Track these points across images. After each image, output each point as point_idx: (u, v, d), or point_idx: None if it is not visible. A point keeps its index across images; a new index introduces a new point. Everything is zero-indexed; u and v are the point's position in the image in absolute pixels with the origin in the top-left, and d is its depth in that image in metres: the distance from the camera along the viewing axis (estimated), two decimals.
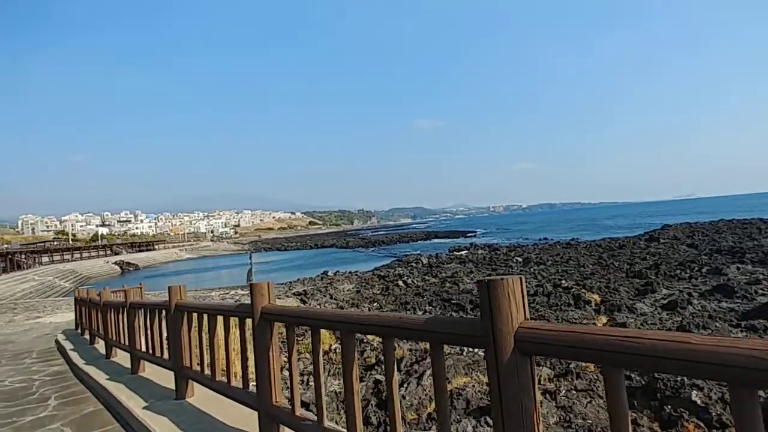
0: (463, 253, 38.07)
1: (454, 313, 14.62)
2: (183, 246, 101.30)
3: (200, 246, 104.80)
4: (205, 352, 3.70)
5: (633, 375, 7.09)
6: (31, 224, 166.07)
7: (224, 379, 3.36)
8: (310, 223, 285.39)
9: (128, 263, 63.44)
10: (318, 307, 17.68)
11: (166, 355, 4.63)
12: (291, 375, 2.54)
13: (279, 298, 19.67)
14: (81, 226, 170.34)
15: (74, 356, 6.97)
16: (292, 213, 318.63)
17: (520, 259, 28.46)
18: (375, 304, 17.76)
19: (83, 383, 5.74)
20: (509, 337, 1.44)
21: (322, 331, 2.48)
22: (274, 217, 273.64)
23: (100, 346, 7.51)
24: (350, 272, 30.90)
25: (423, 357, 8.56)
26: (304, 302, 18.57)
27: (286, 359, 2.80)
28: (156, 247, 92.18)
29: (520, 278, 1.49)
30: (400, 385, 7.19)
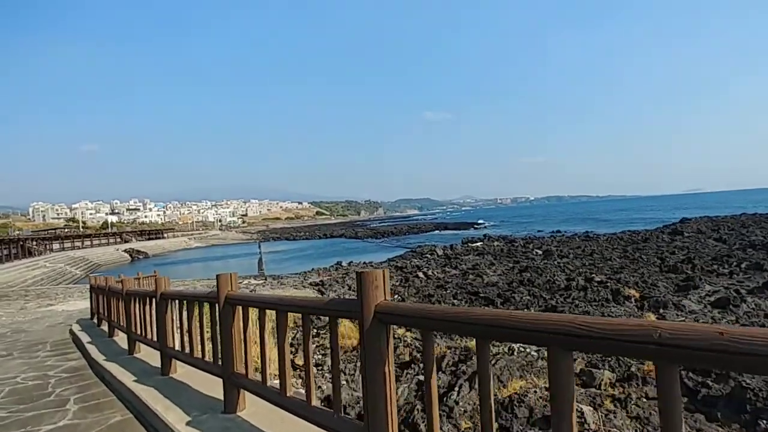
0: (477, 244, 37.29)
1: (482, 306, 13.91)
2: (192, 234, 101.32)
3: (209, 235, 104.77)
4: (271, 359, 2.98)
5: (711, 383, 6.34)
6: (41, 211, 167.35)
7: (300, 395, 2.66)
8: (318, 213, 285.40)
9: (138, 251, 63.38)
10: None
11: (208, 357, 3.94)
12: (430, 398, 1.86)
13: (296, 289, 19.08)
14: (91, 214, 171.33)
15: (92, 350, 6.34)
16: (300, 203, 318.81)
17: (540, 252, 27.64)
18: (396, 296, 17.08)
19: (105, 383, 5.10)
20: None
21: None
22: (281, 207, 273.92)
23: (121, 339, 6.89)
24: (364, 263, 30.30)
25: (467, 356, 7.86)
26: (322, 293, 17.95)
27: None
28: (165, 235, 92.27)
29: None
30: (450, 389, 6.50)
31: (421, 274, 20.32)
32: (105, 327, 8.34)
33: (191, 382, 4.24)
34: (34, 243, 51.86)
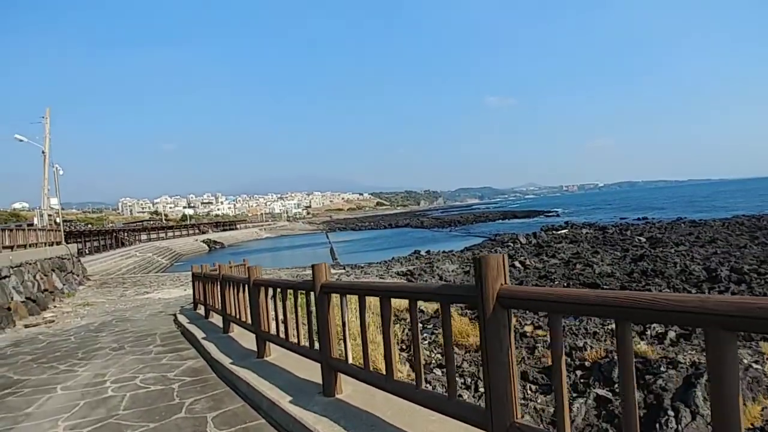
0: (563, 232, 34.44)
1: None
2: (262, 225, 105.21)
3: (278, 225, 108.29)
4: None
5: None
6: (129, 206, 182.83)
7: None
8: (378, 204, 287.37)
9: (215, 241, 66.42)
10: None
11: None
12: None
13: (381, 278, 18.01)
14: (170, 208, 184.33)
15: (212, 349, 5.44)
16: (360, 194, 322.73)
17: (643, 239, 24.61)
18: None
19: (242, 396, 4.07)
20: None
21: None
22: (343, 198, 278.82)
23: (240, 335, 5.97)
24: (443, 251, 28.77)
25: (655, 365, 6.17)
26: (411, 282, 16.73)
27: None
28: (237, 226, 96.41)
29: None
30: (662, 412, 4.88)
31: (517, 264, 18.46)
32: (214, 318, 7.58)
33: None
34: (125, 234, 55.73)
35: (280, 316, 4.24)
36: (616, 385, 6.09)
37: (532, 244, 27.41)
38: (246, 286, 5.09)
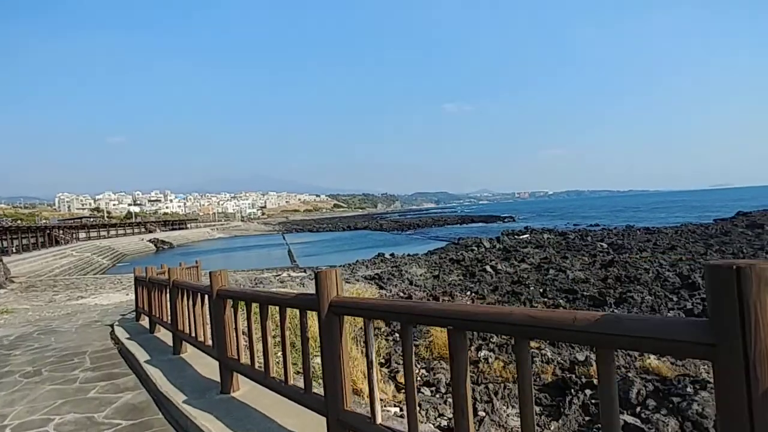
0: (525, 237, 34.68)
1: (591, 307, 11.48)
2: (214, 225, 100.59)
3: (231, 225, 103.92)
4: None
5: None
6: (67, 202, 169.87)
7: None
8: (335, 206, 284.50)
9: (162, 241, 62.36)
10: (394, 295, 14.84)
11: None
12: None
13: (349, 283, 16.89)
14: (114, 205, 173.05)
15: (158, 377, 4.16)
16: (317, 196, 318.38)
17: (605, 245, 24.97)
18: (469, 293, 14.74)
19: None
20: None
21: None
22: (299, 200, 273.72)
23: (194, 357, 4.71)
24: (408, 255, 28.00)
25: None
26: (382, 287, 15.74)
27: None
28: (188, 225, 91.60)
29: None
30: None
31: (488, 268, 17.92)
32: (161, 333, 6.22)
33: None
34: (61, 232, 51.02)
35: (246, 336, 3.11)
36: (639, 408, 5.38)
37: (498, 248, 27.20)
38: (206, 297, 3.89)
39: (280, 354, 2.96)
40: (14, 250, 37.31)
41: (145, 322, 7.31)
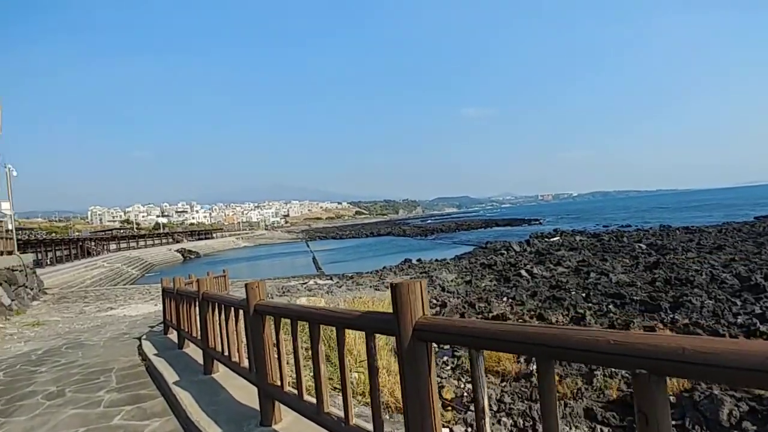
0: (555, 239, 33.50)
1: (644, 313, 10.60)
2: (239, 234, 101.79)
3: (255, 234, 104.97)
4: None
5: None
6: (99, 214, 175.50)
7: None
8: (357, 212, 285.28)
9: (189, 251, 63.22)
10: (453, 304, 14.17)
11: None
12: None
13: (377, 290, 16.33)
14: (143, 217, 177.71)
15: (189, 403, 3.69)
16: (339, 203, 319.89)
17: (643, 246, 23.70)
18: (505, 299, 13.96)
19: None
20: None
21: None
22: (321, 207, 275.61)
23: (227, 378, 4.23)
24: (435, 260, 27.28)
25: None
26: None
27: None
28: (214, 235, 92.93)
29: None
30: None
31: (524, 273, 17.08)
32: (190, 349, 5.79)
33: None
34: (93, 243, 52.26)
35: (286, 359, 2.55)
36: None
37: (529, 251, 26.21)
38: (242, 312, 3.39)
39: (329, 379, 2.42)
40: (48, 262, 38.29)
41: (173, 336, 6.92)
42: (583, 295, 13.25)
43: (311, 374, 2.60)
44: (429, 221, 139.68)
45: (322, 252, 54.20)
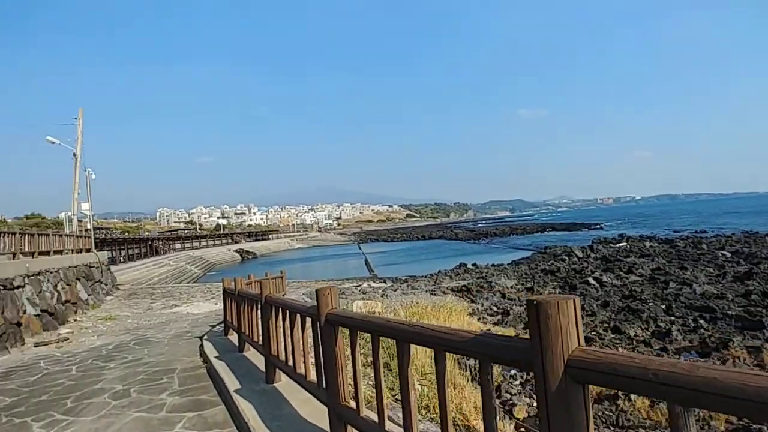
0: (622, 245, 31.26)
1: (741, 330, 9.33)
2: (294, 236, 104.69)
3: (309, 236, 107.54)
4: None
5: None
6: (166, 216, 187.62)
7: None
8: (408, 215, 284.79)
9: (247, 251, 65.69)
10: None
11: None
12: None
13: (434, 295, 15.79)
14: (205, 218, 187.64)
15: (252, 417, 3.43)
16: (390, 206, 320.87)
17: (727, 254, 21.45)
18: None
19: None
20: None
21: None
22: (373, 210, 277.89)
23: (290, 389, 3.94)
24: (492, 265, 26.27)
25: None
26: (473, 301, 14.45)
27: None
28: (270, 236, 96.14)
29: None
30: None
31: (591, 280, 15.88)
32: (250, 353, 5.62)
33: None
34: (160, 243, 55.63)
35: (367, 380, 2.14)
36: None
37: (594, 257, 24.56)
38: (313, 321, 3.05)
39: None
40: (122, 260, 41.11)
41: (233, 337, 6.84)
42: (663, 307, 12.02)
43: (393, 395, 2.20)
44: (481, 225, 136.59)
45: (374, 254, 54.26)
